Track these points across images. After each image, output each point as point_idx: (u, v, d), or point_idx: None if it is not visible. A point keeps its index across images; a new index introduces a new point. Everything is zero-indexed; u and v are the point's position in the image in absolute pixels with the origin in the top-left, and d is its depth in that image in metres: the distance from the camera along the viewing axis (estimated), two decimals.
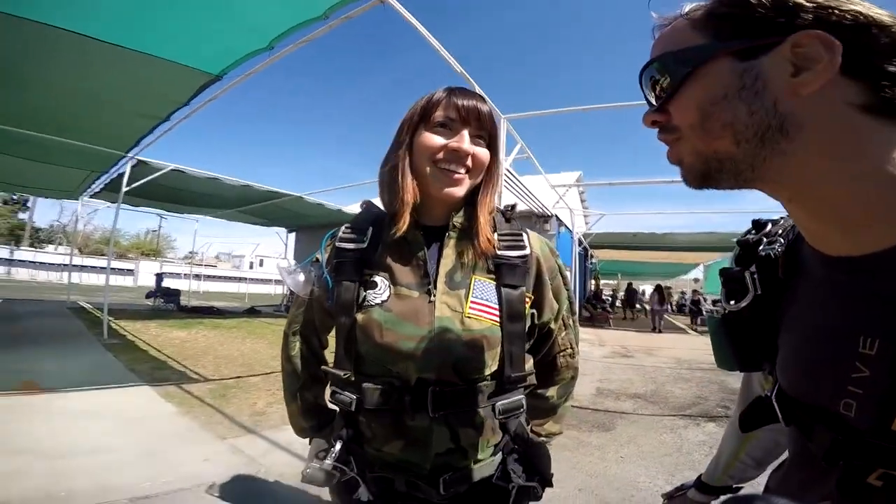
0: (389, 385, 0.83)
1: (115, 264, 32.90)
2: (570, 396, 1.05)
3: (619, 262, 23.23)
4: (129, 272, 36.06)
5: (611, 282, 34.08)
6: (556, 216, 11.42)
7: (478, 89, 4.50)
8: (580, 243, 14.20)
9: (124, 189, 7.61)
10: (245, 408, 3.94)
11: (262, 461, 2.81)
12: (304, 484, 0.85)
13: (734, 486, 0.89)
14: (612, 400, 4.95)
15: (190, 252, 23.50)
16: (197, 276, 27.82)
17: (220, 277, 42.85)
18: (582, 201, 18.29)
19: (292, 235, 16.21)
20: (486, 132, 0.88)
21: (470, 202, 0.91)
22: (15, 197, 35.19)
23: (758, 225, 0.65)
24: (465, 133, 0.84)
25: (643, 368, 7.07)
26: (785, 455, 0.65)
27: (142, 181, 7.68)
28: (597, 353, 8.65)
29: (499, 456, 0.90)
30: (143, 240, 49.03)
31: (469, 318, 0.82)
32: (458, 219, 0.89)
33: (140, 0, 3.03)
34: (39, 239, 40.19)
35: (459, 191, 0.86)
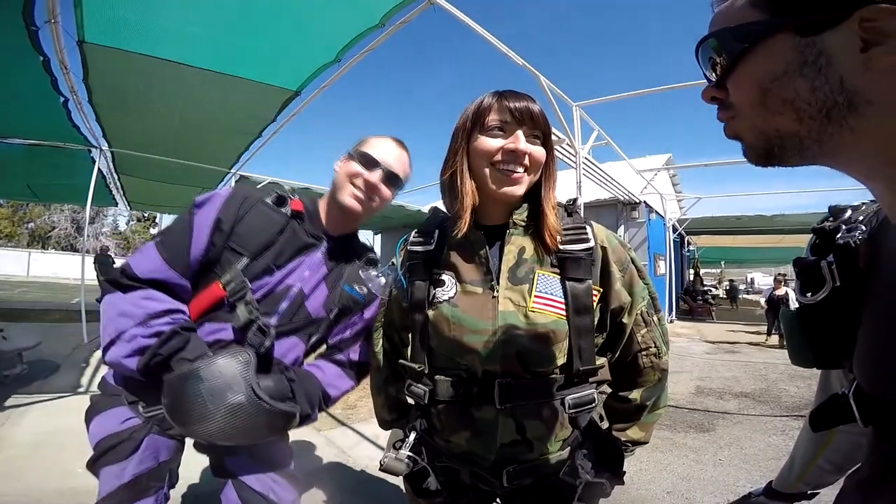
0: (458, 377, 0.87)
1: None
2: (659, 401, 0.98)
3: (721, 248, 21.35)
4: None
5: (712, 270, 31.46)
6: (645, 202, 10.75)
7: (542, 79, 4.37)
8: (674, 230, 13.21)
9: None
10: (339, 401, 4.18)
11: (351, 453, 2.97)
12: (383, 474, 0.91)
13: (809, 492, 0.81)
14: (714, 399, 4.55)
15: None
16: None
17: None
18: (674, 185, 16.97)
19: (378, 237, 16.98)
20: (540, 131, 0.88)
21: (528, 200, 0.92)
22: (146, 215, 41.00)
23: (836, 211, 0.61)
24: (520, 133, 0.85)
25: (752, 365, 6.40)
26: None
27: None
28: (697, 348, 8.00)
29: (567, 451, 0.90)
30: None
31: (533, 311, 0.83)
32: (518, 216, 0.91)
33: (224, 26, 3.35)
34: None
35: (518, 189, 0.87)
